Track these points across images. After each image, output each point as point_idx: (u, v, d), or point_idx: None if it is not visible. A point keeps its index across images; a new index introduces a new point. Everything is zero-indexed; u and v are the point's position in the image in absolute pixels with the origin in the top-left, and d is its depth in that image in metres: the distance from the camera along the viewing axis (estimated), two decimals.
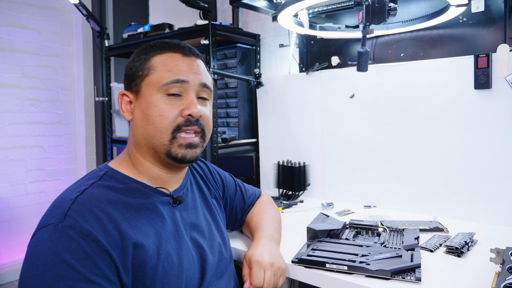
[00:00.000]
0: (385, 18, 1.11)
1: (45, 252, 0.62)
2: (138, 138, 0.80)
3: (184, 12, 2.33)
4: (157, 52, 0.81)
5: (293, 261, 0.94)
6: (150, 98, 0.77)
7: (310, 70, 1.69)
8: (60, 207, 0.67)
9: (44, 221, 0.66)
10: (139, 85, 0.79)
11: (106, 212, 0.69)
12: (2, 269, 2.64)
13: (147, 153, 0.80)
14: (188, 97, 0.79)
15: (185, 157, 0.78)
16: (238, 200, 1.10)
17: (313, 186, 1.70)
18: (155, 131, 0.77)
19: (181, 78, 0.78)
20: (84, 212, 0.67)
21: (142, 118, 0.78)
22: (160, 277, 0.72)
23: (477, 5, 1.34)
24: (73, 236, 0.63)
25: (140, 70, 0.80)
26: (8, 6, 2.64)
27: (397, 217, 1.35)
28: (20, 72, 2.70)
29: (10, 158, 2.67)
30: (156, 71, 0.78)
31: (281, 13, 1.26)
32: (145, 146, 0.79)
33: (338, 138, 1.63)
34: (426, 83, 1.38)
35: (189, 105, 0.78)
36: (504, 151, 1.23)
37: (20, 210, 2.73)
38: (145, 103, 0.78)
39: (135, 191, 0.77)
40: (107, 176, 0.76)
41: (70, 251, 0.62)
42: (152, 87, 0.78)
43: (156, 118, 0.76)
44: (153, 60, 0.80)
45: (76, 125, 3.03)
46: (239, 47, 1.97)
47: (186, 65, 0.80)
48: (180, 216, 0.83)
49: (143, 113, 0.78)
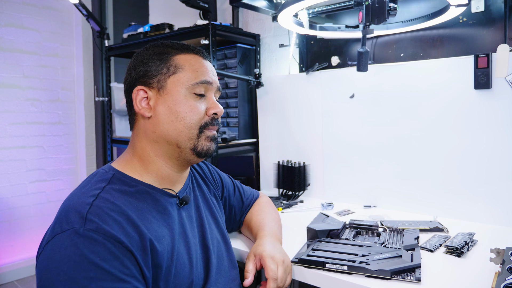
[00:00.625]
0: (385, 18, 1.11)
1: (71, 257, 0.61)
2: (159, 135, 0.79)
3: (184, 12, 2.33)
4: (178, 51, 0.82)
5: (293, 261, 0.94)
6: (178, 95, 0.79)
7: (310, 70, 1.69)
8: (77, 212, 0.66)
9: (60, 228, 0.65)
10: (163, 81, 0.79)
11: (124, 215, 0.69)
12: (2, 269, 2.64)
13: (165, 150, 0.80)
14: (210, 98, 0.83)
15: (209, 149, 0.82)
16: (236, 201, 1.10)
17: (313, 186, 1.70)
18: (184, 127, 0.78)
19: (208, 80, 0.82)
20: (103, 215, 0.66)
21: (169, 114, 0.78)
22: (173, 278, 0.73)
23: (477, 5, 1.34)
24: (98, 239, 0.63)
25: (164, 67, 0.80)
26: (8, 6, 2.64)
27: (397, 217, 1.35)
28: (20, 72, 2.71)
29: (10, 158, 2.67)
30: (184, 70, 0.80)
31: (281, 13, 1.26)
32: (166, 143, 0.79)
33: (338, 138, 1.63)
34: (426, 83, 1.38)
35: (213, 104, 0.82)
36: (504, 151, 1.23)
37: (20, 210, 2.73)
38: (173, 99, 0.78)
39: (144, 193, 0.77)
40: (115, 179, 0.76)
41: (97, 253, 0.62)
42: (180, 85, 0.79)
43: (187, 114, 0.78)
44: (177, 59, 0.81)
45: (76, 125, 3.03)
46: (239, 47, 1.97)
47: (207, 68, 0.83)
48: (186, 216, 0.84)
49: (171, 109, 0.78)
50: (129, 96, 0.82)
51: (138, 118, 0.82)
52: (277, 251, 0.89)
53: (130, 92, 0.81)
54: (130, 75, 0.82)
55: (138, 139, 0.82)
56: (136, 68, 0.81)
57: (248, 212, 1.13)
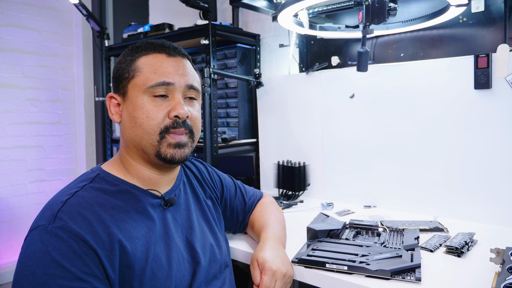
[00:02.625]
0: (385, 18, 1.11)
1: (36, 253, 0.63)
2: (127, 140, 0.81)
3: (184, 12, 2.33)
4: (142, 53, 0.80)
5: (293, 261, 0.94)
6: (136, 100, 0.77)
7: (310, 70, 1.69)
8: (51, 209, 0.69)
9: (35, 223, 0.68)
10: (125, 87, 0.79)
11: (96, 215, 0.70)
12: (2, 269, 2.64)
13: (137, 154, 0.81)
14: (174, 98, 0.78)
15: (173, 157, 0.78)
16: (238, 201, 1.09)
17: (313, 186, 1.70)
18: (143, 133, 0.77)
19: (167, 81, 0.77)
20: (73, 214, 0.68)
21: (130, 120, 0.78)
22: (148, 279, 0.72)
23: (477, 5, 1.34)
24: (63, 237, 0.64)
25: (126, 72, 0.79)
26: (8, 6, 2.64)
27: (397, 217, 1.35)
28: (20, 72, 2.71)
29: (10, 158, 2.67)
30: (142, 73, 0.78)
31: (281, 13, 1.26)
32: (134, 148, 0.80)
33: (338, 138, 1.63)
34: (426, 83, 1.38)
35: (176, 106, 0.77)
36: (504, 151, 1.23)
37: (20, 210, 2.73)
38: (132, 105, 0.78)
39: (126, 193, 0.77)
40: (99, 178, 0.77)
41: (60, 251, 0.63)
42: (138, 89, 0.77)
43: (143, 120, 0.76)
44: (139, 62, 0.79)
45: (76, 125, 3.03)
46: (239, 47, 1.97)
47: (172, 66, 0.79)
48: (172, 218, 0.83)
49: (130, 115, 0.78)
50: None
51: None
52: (279, 260, 0.87)
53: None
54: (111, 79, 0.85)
55: (120, 143, 0.85)
56: (112, 73, 0.84)
57: (251, 213, 1.11)
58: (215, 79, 1.71)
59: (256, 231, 1.04)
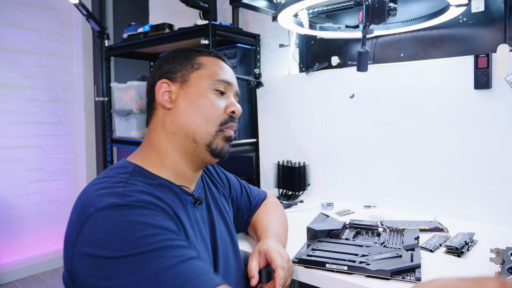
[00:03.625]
0: (385, 18, 1.11)
1: (120, 225, 0.59)
2: (177, 126, 0.79)
3: (184, 12, 2.33)
4: (201, 54, 0.85)
5: (293, 261, 0.93)
6: (200, 88, 0.80)
7: (310, 70, 1.69)
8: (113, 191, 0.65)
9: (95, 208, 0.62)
10: (187, 76, 0.82)
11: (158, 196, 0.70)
12: (2, 269, 2.64)
13: (181, 144, 0.80)
14: (229, 98, 0.85)
15: (223, 149, 0.82)
16: (244, 201, 1.09)
17: (313, 186, 1.70)
18: (203, 120, 0.79)
19: (229, 80, 0.84)
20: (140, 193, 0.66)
21: (190, 106, 0.79)
22: None
23: (477, 5, 1.34)
24: (141, 205, 0.63)
25: (188, 64, 0.83)
26: (8, 6, 2.64)
27: (397, 217, 1.35)
28: (20, 72, 2.71)
29: (10, 158, 2.67)
30: (207, 67, 0.83)
31: (281, 13, 1.26)
32: (183, 135, 0.79)
33: (338, 138, 1.63)
34: (426, 83, 1.38)
35: (233, 103, 0.84)
36: (504, 151, 1.23)
37: (20, 210, 2.73)
38: (195, 92, 0.80)
39: (165, 186, 0.76)
40: (136, 172, 0.75)
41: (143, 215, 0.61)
42: (203, 80, 0.81)
43: (207, 107, 0.79)
44: (201, 59, 0.84)
45: (76, 125, 3.03)
46: (239, 47, 1.97)
47: (228, 72, 0.86)
48: (200, 216, 0.84)
49: (192, 101, 0.79)
50: (150, 92, 0.84)
51: (157, 111, 0.82)
52: (282, 249, 0.89)
53: (153, 88, 0.83)
54: (154, 74, 0.84)
55: (155, 133, 0.82)
56: (161, 66, 0.84)
57: (255, 213, 1.11)
58: None
59: (256, 230, 1.04)
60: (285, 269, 0.82)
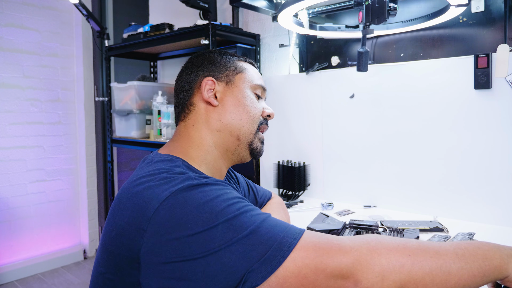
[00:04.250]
0: (385, 18, 1.11)
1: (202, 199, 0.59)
2: (224, 123, 0.81)
3: (184, 12, 2.33)
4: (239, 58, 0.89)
5: None
6: (245, 89, 0.84)
7: (310, 70, 1.69)
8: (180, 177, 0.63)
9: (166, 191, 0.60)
10: (233, 76, 0.84)
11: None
12: (2, 269, 2.64)
13: (225, 141, 0.81)
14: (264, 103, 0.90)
15: (260, 150, 0.86)
16: (251, 200, 1.09)
17: (313, 186, 1.70)
18: (248, 119, 0.82)
19: (265, 86, 0.89)
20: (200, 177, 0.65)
21: (237, 105, 0.82)
22: None
23: (477, 5, 1.34)
24: (215, 182, 0.63)
25: (232, 66, 0.85)
26: (8, 6, 2.64)
27: (397, 217, 1.35)
28: (20, 72, 2.71)
29: (10, 158, 2.67)
30: (248, 71, 0.87)
31: (281, 13, 1.26)
32: (228, 133, 0.81)
33: (338, 138, 1.63)
34: (426, 83, 1.38)
35: (268, 107, 0.88)
36: (504, 151, 1.23)
37: (20, 210, 2.73)
38: (241, 93, 0.83)
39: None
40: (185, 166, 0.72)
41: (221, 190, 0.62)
42: (245, 82, 0.85)
43: (251, 108, 0.83)
44: (240, 63, 0.87)
45: (76, 125, 3.03)
46: (239, 47, 1.97)
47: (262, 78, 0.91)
48: None
49: (239, 101, 0.83)
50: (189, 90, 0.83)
51: (198, 108, 0.82)
52: None
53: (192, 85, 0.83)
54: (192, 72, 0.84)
55: (195, 128, 0.81)
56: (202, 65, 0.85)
57: None
58: None
59: None
60: None
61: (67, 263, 2.95)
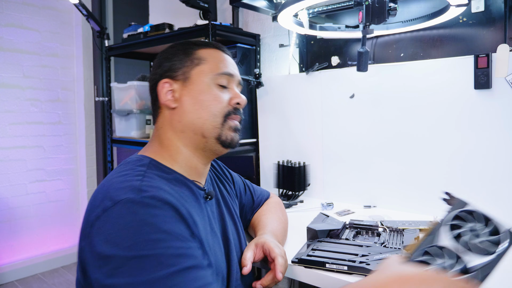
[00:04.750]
0: (385, 18, 1.11)
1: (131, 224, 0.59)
2: (185, 124, 0.80)
3: (184, 12, 2.33)
4: (200, 47, 0.84)
5: (293, 261, 0.94)
6: (203, 85, 0.81)
7: (310, 70, 1.69)
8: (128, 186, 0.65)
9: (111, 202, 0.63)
10: (188, 73, 0.81)
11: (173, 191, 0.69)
12: (2, 269, 2.64)
13: (191, 140, 0.80)
14: (232, 89, 0.85)
15: (233, 140, 0.82)
16: (247, 200, 1.09)
17: (313, 186, 1.70)
18: (209, 115, 0.79)
19: (230, 72, 0.84)
20: (157, 188, 0.66)
21: (194, 103, 0.80)
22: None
23: (477, 5, 1.34)
24: (156, 204, 0.62)
25: (188, 60, 0.82)
26: (8, 6, 2.64)
27: (397, 217, 1.35)
28: (20, 72, 2.71)
29: (10, 158, 2.67)
30: (208, 62, 0.82)
31: (281, 13, 1.26)
32: (191, 132, 0.80)
33: (338, 138, 1.63)
34: (426, 83, 1.38)
35: (237, 94, 0.84)
36: (504, 151, 1.23)
37: (20, 210, 2.73)
38: (198, 89, 0.80)
39: (180, 181, 0.76)
40: (152, 166, 0.75)
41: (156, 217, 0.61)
42: (204, 75, 0.81)
43: (211, 102, 0.80)
44: (200, 53, 0.83)
45: (76, 125, 3.03)
46: (239, 47, 1.97)
47: (229, 63, 0.86)
48: (210, 210, 0.83)
49: (196, 98, 0.80)
50: (153, 92, 0.84)
51: (162, 110, 0.82)
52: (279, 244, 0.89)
53: (155, 87, 0.83)
54: (155, 72, 0.84)
55: (163, 131, 0.82)
56: (161, 65, 0.84)
57: (256, 212, 1.10)
58: None
59: (255, 228, 1.04)
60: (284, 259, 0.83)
61: (67, 263, 2.95)
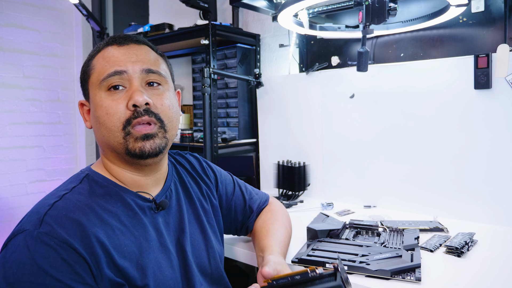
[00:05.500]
0: (385, 18, 1.11)
1: (21, 259, 0.60)
2: (100, 144, 0.78)
3: (184, 12, 2.33)
4: (96, 51, 0.77)
5: (293, 261, 0.94)
6: (95, 99, 0.74)
7: (310, 70, 1.69)
8: (37, 213, 0.65)
9: (21, 227, 0.64)
10: (87, 90, 0.77)
11: (85, 219, 0.66)
12: None
13: (113, 157, 0.76)
14: (132, 87, 0.73)
15: (143, 150, 0.72)
16: (237, 200, 1.01)
17: (313, 186, 1.70)
18: (108, 132, 0.72)
19: (118, 69, 0.72)
20: (60, 218, 0.64)
21: (95, 122, 0.75)
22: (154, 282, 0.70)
23: (477, 5, 1.34)
24: (50, 243, 0.61)
25: (86, 73, 0.77)
26: (8, 6, 2.64)
27: (397, 217, 1.35)
28: (20, 72, 2.71)
29: (10, 158, 2.67)
30: (94, 69, 0.75)
31: (281, 13, 1.26)
32: (108, 150, 0.76)
33: (338, 138, 1.63)
34: (426, 83, 1.38)
35: (132, 94, 0.71)
36: (504, 151, 1.23)
37: (20, 210, 2.73)
38: (94, 105, 0.74)
39: (115, 195, 0.73)
40: (87, 179, 0.74)
41: (47, 259, 0.60)
42: (94, 87, 0.74)
43: (104, 117, 0.72)
44: (94, 60, 0.76)
45: (76, 125, 3.03)
46: (239, 47, 1.97)
47: (123, 55, 0.75)
48: (163, 221, 0.79)
49: (94, 116, 0.75)
50: None
51: None
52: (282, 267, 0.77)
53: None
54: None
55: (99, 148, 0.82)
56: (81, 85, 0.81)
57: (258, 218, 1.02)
58: (215, 79, 1.71)
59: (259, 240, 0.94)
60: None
61: None
